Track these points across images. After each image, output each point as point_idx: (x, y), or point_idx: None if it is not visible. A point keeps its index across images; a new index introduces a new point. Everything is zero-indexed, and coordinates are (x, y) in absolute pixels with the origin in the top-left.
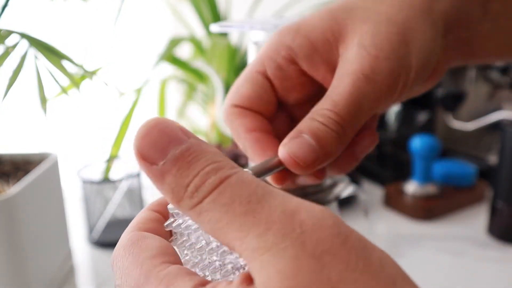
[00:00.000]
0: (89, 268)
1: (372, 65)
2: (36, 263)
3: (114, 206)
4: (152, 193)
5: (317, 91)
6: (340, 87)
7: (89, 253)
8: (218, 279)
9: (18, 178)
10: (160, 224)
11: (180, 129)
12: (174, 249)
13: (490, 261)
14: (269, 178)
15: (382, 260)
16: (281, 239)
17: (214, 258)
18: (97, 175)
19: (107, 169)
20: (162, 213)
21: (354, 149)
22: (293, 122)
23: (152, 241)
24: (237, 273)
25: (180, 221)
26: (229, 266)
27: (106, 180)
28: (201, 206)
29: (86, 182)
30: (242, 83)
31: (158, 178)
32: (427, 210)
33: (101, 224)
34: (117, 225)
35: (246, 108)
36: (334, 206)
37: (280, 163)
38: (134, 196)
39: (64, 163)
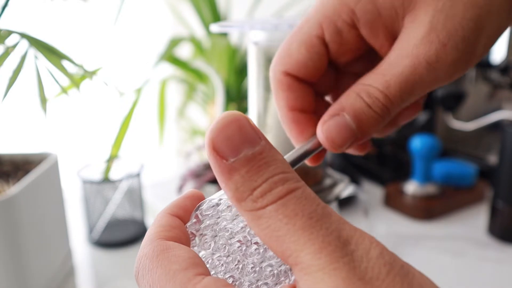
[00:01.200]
0: (89, 268)
1: (438, 53)
2: (36, 263)
3: (114, 206)
4: (152, 193)
5: (368, 52)
6: (397, 68)
7: (89, 253)
8: (248, 281)
9: (18, 178)
10: (181, 232)
11: (255, 129)
12: (202, 260)
13: (490, 261)
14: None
15: (421, 283)
16: (334, 260)
17: (252, 260)
18: (97, 175)
19: (107, 169)
20: (182, 217)
21: (396, 118)
22: (338, 78)
23: (181, 252)
24: (279, 277)
25: (208, 222)
26: (268, 270)
27: (106, 180)
28: (263, 211)
29: (86, 182)
30: (297, 48)
31: (225, 173)
32: (427, 210)
33: (101, 224)
34: (117, 225)
35: (296, 77)
36: (334, 206)
37: (318, 145)
38: (134, 196)
39: (64, 163)
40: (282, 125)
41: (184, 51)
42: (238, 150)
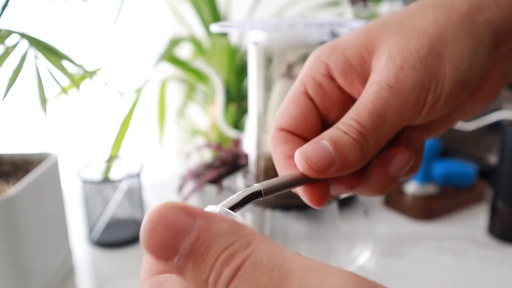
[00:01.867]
0: (89, 268)
1: (397, 75)
2: (36, 263)
3: (114, 206)
4: (152, 193)
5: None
6: (365, 97)
7: (89, 253)
8: None
9: (18, 178)
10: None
11: (185, 211)
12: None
13: (490, 261)
14: (304, 198)
15: None
16: None
17: None
18: (97, 175)
19: (107, 169)
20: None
21: (388, 168)
22: None
23: (171, 283)
24: None
25: None
26: None
27: (106, 180)
28: None
29: (86, 182)
30: (287, 105)
31: (179, 273)
32: (427, 210)
33: (101, 224)
34: (117, 225)
35: (291, 132)
36: (334, 206)
37: (299, 176)
38: (134, 196)
39: (64, 163)
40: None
41: (184, 51)
42: (176, 248)
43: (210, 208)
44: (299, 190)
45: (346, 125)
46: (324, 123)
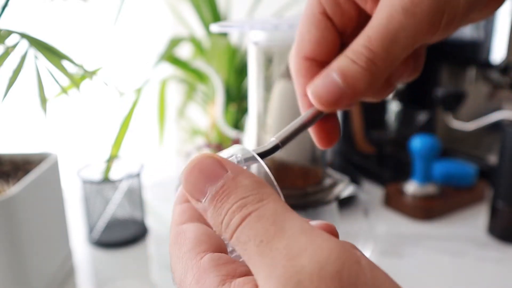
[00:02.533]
0: (89, 268)
1: None
2: (36, 263)
3: (114, 206)
4: (152, 193)
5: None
6: (376, 20)
7: (89, 253)
8: None
9: (18, 178)
10: (194, 210)
11: (219, 163)
12: (211, 232)
13: (490, 261)
14: (314, 140)
15: None
16: (282, 284)
17: None
18: (97, 175)
19: (107, 169)
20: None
21: (390, 77)
22: None
23: (188, 233)
24: None
25: None
26: None
27: (106, 180)
28: (232, 241)
29: (86, 182)
30: (307, 29)
31: (203, 214)
32: (427, 210)
33: (101, 224)
34: (117, 225)
35: (314, 60)
36: (334, 206)
37: (314, 114)
38: (134, 196)
39: (64, 163)
40: (281, 125)
41: (184, 51)
42: (205, 190)
43: (235, 150)
44: (310, 132)
45: (355, 53)
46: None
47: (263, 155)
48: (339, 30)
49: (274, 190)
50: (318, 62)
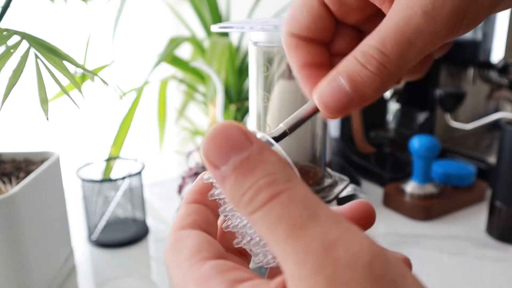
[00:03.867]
0: (90, 268)
1: (433, 0)
2: (38, 263)
3: (115, 205)
4: (152, 193)
5: (381, 12)
6: (393, 21)
7: (89, 252)
8: (258, 252)
9: (19, 178)
10: (198, 215)
11: (245, 134)
12: (212, 240)
13: (489, 261)
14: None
15: None
16: (315, 273)
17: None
18: (98, 175)
19: (108, 169)
20: (199, 201)
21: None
22: (361, 35)
23: (189, 240)
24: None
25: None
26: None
27: (106, 179)
28: (253, 217)
29: (87, 182)
30: (298, 10)
31: (220, 181)
32: (426, 210)
33: (101, 223)
34: (117, 225)
35: (302, 37)
36: (334, 206)
37: (315, 109)
38: (135, 196)
39: (65, 163)
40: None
41: (184, 51)
42: (227, 158)
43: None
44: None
45: (366, 56)
46: (341, 25)
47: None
48: (337, 16)
49: (294, 171)
50: (308, 39)
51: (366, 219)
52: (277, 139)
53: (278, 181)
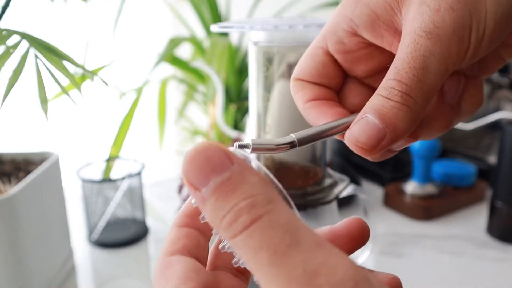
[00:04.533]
0: (90, 268)
1: (433, 19)
2: (37, 263)
3: (115, 205)
4: (152, 193)
5: (390, 60)
6: (402, 51)
7: (89, 252)
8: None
9: (19, 178)
10: (188, 239)
11: (226, 154)
12: (200, 267)
13: (490, 261)
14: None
15: None
16: None
17: None
18: (98, 175)
19: (108, 169)
20: (189, 224)
21: (443, 99)
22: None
23: (176, 268)
24: None
25: None
26: None
27: (106, 179)
28: (234, 241)
29: (87, 182)
30: (304, 58)
31: (200, 204)
32: (426, 210)
33: (101, 223)
34: (117, 225)
35: (306, 81)
36: (334, 206)
37: (336, 125)
38: (135, 196)
39: (65, 163)
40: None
41: (184, 51)
42: (207, 180)
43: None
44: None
45: (387, 89)
46: (353, 76)
47: (274, 149)
48: (343, 66)
49: (276, 191)
50: (310, 83)
51: (360, 237)
52: (283, 148)
53: (259, 203)
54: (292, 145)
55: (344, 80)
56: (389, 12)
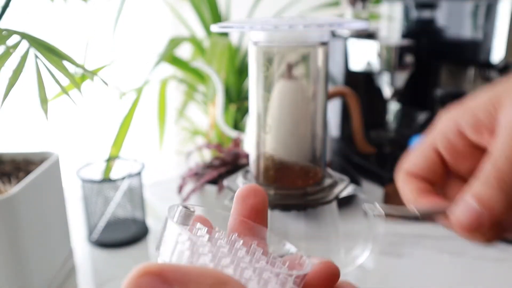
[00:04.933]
0: (90, 268)
1: None
2: (37, 263)
3: (115, 205)
4: (152, 193)
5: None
6: (498, 143)
7: (89, 252)
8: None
9: (19, 178)
10: None
11: (161, 280)
12: None
13: (490, 261)
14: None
15: None
16: None
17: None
18: (98, 175)
19: (108, 169)
20: None
21: None
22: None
23: None
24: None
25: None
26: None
27: (106, 179)
28: None
29: (87, 182)
30: (416, 155)
31: None
32: None
33: (101, 223)
34: (117, 225)
35: (414, 174)
36: (334, 206)
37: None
38: (135, 196)
39: (65, 163)
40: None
41: (184, 51)
42: None
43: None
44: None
45: (484, 175)
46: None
47: (405, 217)
48: (449, 163)
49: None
50: (417, 177)
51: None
52: (412, 218)
53: None
54: (416, 217)
55: (446, 176)
56: (489, 117)
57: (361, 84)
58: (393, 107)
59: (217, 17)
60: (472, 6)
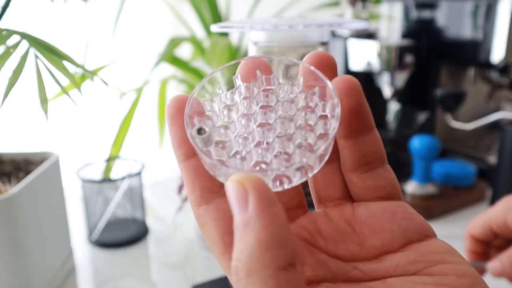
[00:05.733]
0: (90, 268)
1: None
2: (37, 263)
3: (115, 205)
4: (152, 193)
5: None
6: None
7: (89, 252)
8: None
9: (19, 178)
10: None
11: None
12: None
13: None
14: None
15: None
16: None
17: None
18: (98, 175)
19: (108, 169)
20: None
21: None
22: None
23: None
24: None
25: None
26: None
27: (106, 179)
28: None
29: (87, 182)
30: (476, 226)
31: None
32: (426, 210)
33: (101, 223)
34: (117, 225)
35: (476, 238)
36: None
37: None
38: (135, 196)
39: (65, 163)
40: None
41: (184, 51)
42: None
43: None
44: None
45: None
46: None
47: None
48: (502, 236)
49: None
50: (478, 240)
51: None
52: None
53: None
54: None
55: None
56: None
57: (361, 84)
58: (393, 107)
59: (217, 17)
60: (472, 6)
